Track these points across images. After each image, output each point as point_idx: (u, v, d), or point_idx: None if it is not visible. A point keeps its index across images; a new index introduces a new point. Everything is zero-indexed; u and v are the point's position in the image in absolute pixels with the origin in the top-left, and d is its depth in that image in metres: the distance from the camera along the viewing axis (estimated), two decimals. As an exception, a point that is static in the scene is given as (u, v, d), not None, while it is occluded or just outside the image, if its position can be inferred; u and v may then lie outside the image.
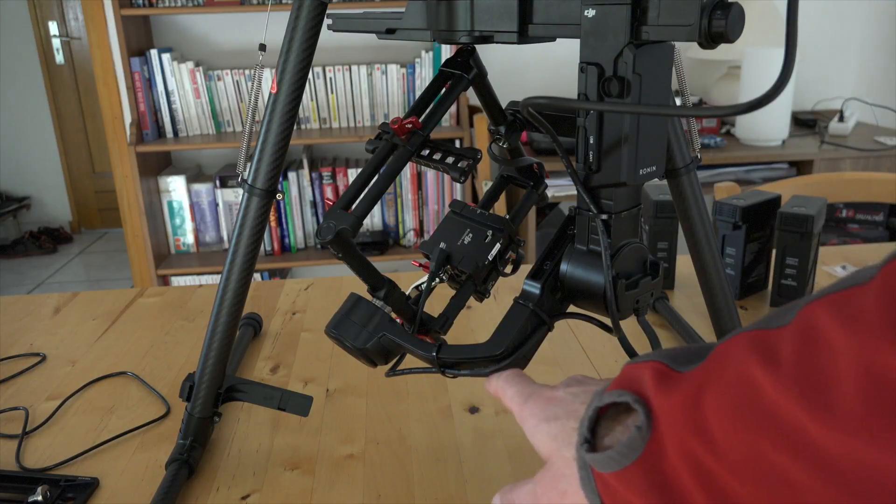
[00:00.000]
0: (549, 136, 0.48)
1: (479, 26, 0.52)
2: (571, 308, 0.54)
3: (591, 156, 0.47)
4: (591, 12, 0.44)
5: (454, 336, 0.95)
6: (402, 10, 0.57)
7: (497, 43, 0.52)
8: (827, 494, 0.26)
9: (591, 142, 0.46)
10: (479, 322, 1.00)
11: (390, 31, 0.58)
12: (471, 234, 0.56)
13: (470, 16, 0.52)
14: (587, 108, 0.45)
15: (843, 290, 0.26)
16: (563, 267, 0.51)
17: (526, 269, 0.56)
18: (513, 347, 0.52)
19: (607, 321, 0.51)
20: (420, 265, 0.58)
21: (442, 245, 0.55)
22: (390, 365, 0.57)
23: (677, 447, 0.31)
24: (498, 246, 0.55)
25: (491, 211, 0.58)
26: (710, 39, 0.40)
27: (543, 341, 0.54)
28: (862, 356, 0.24)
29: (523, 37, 0.50)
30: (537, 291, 0.52)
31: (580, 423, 0.37)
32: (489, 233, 0.55)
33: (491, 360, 0.52)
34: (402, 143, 0.56)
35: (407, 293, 0.57)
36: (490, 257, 0.55)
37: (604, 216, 0.47)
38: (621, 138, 0.45)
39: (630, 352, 0.49)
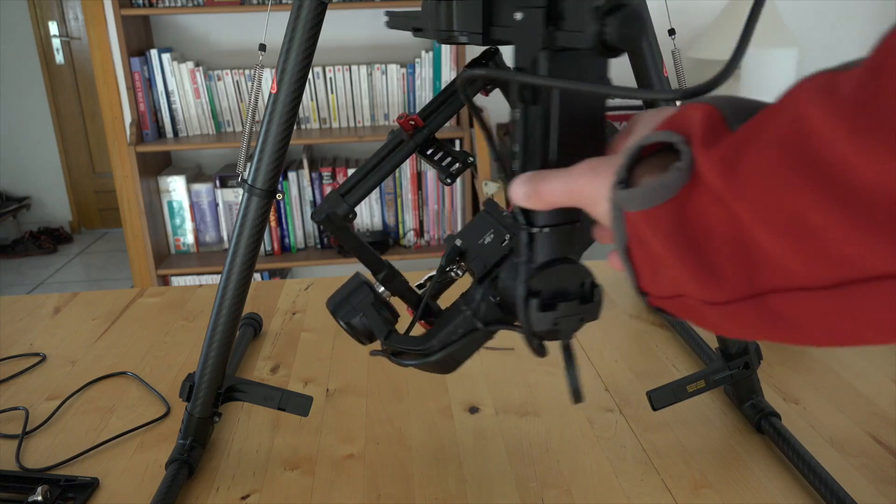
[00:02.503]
0: (480, 122, 0.45)
1: (452, 26, 0.52)
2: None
3: (515, 164, 0.44)
4: (518, 16, 0.42)
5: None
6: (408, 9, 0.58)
7: (464, 44, 0.52)
8: (850, 231, 0.24)
9: (516, 150, 0.43)
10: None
11: (417, 30, 0.58)
12: (492, 235, 0.56)
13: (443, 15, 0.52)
14: (521, 81, 0.41)
15: None
16: (501, 276, 0.51)
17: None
18: (440, 346, 0.52)
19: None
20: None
21: (458, 241, 0.55)
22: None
23: (712, 195, 0.29)
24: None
25: None
26: (605, 48, 0.37)
27: (552, 342, 0.53)
28: None
29: (487, 39, 0.49)
30: (475, 297, 0.52)
31: (619, 163, 0.35)
32: (507, 236, 0.55)
33: (419, 355, 0.53)
34: (406, 138, 0.57)
35: (420, 282, 0.58)
36: (499, 258, 0.55)
37: (531, 229, 0.43)
38: (543, 142, 0.42)
39: (573, 385, 0.47)
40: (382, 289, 0.58)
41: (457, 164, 0.57)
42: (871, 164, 0.23)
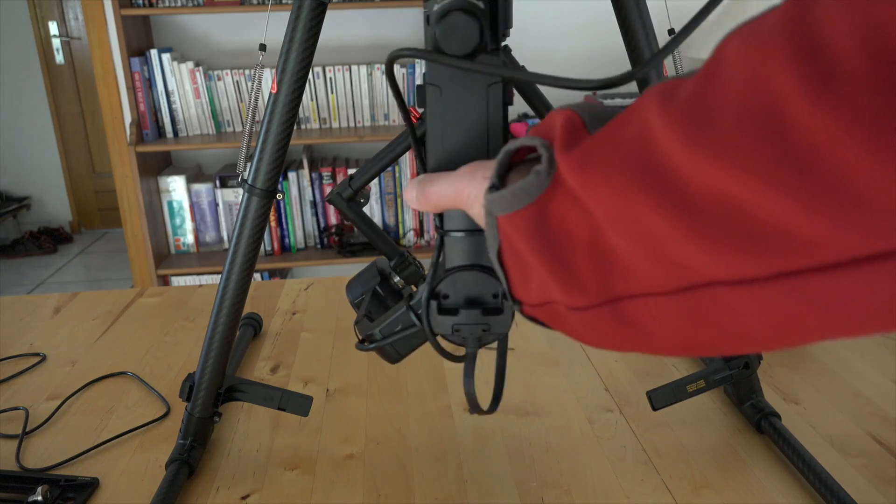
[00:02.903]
0: (402, 109, 0.45)
1: None
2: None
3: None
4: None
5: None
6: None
7: None
8: (684, 237, 0.25)
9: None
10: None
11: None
12: None
13: None
14: (434, 61, 0.40)
15: (754, 21, 0.23)
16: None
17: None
18: (381, 336, 0.53)
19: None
20: None
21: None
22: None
23: (569, 197, 0.30)
24: None
25: None
26: (436, 47, 0.38)
27: (544, 341, 0.54)
28: (750, 70, 0.22)
29: None
30: (420, 294, 0.52)
31: (492, 167, 0.35)
32: None
33: (361, 340, 0.55)
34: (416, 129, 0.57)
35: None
36: None
37: (442, 232, 0.44)
38: (433, 144, 0.42)
39: (467, 389, 0.47)
40: (398, 277, 0.59)
41: None
42: (700, 172, 0.23)
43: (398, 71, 2.47)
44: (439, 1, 0.39)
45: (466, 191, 0.37)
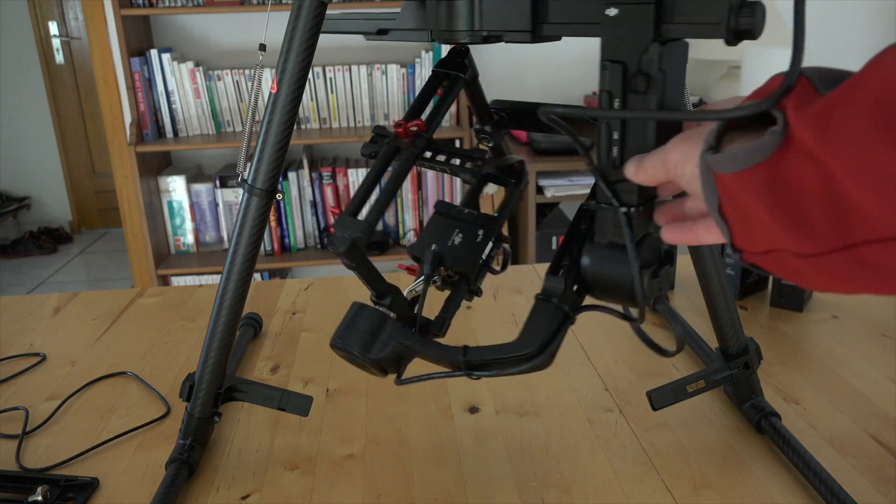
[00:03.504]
0: (569, 136, 0.48)
1: (487, 26, 0.52)
2: (589, 300, 0.54)
3: (614, 151, 0.47)
4: (612, 11, 0.45)
5: (454, 337, 0.95)
6: (397, 10, 0.58)
7: (507, 42, 0.53)
8: None
9: (615, 137, 0.47)
10: (479, 322, 1.00)
11: (382, 32, 0.58)
12: (460, 235, 0.56)
13: (474, 15, 0.52)
14: (604, 116, 0.46)
15: None
16: (585, 261, 0.51)
17: (520, 269, 0.56)
18: (543, 344, 0.51)
19: (620, 309, 0.52)
20: (407, 268, 0.58)
21: (434, 247, 0.55)
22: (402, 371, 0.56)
23: (805, 155, 0.32)
24: (490, 244, 0.55)
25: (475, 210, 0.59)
26: (736, 36, 0.41)
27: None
28: None
29: (536, 36, 0.51)
30: (561, 287, 0.52)
31: (708, 131, 0.38)
32: (480, 232, 0.56)
33: (522, 359, 0.51)
34: (405, 146, 0.55)
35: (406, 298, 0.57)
36: (484, 256, 0.55)
37: (624, 209, 0.47)
38: (645, 134, 0.46)
39: (647, 342, 0.50)
40: (394, 315, 0.55)
41: (471, 162, 0.58)
42: None
43: (398, 71, 2.47)
44: None
45: (674, 157, 0.40)
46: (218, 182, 2.54)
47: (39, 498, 0.63)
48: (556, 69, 2.62)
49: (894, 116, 0.28)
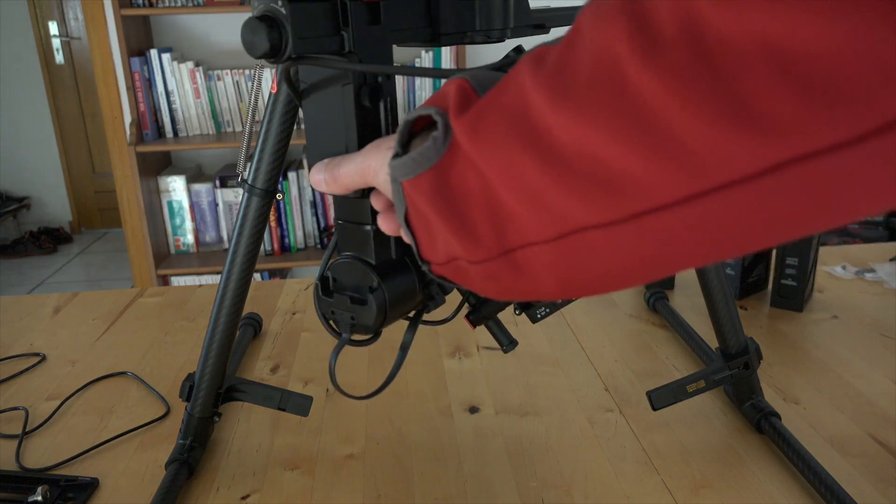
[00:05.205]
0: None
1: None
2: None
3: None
4: None
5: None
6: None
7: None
8: (556, 189, 0.28)
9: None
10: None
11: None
12: None
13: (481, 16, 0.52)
14: (347, 69, 0.44)
15: None
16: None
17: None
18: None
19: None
20: None
21: None
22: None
23: (465, 159, 0.32)
24: None
25: None
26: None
27: (544, 341, 0.54)
28: (597, 42, 0.25)
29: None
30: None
31: (395, 138, 0.38)
32: None
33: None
34: None
35: None
36: None
37: (336, 220, 0.48)
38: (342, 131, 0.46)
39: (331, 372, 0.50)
40: None
41: None
42: (565, 129, 0.27)
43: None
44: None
45: (371, 164, 0.40)
46: (218, 182, 2.54)
47: (39, 498, 0.63)
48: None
49: (522, 121, 0.29)
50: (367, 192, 0.43)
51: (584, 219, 0.28)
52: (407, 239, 0.39)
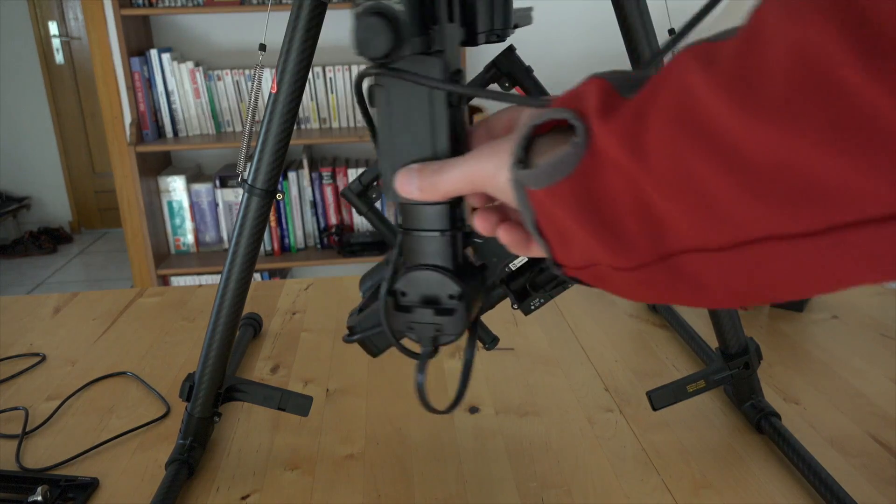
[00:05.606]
0: (365, 121, 0.46)
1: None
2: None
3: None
4: None
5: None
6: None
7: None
8: (739, 197, 0.26)
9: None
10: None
11: None
12: None
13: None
14: (423, 84, 0.41)
15: None
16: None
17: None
18: (360, 331, 0.55)
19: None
20: None
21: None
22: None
23: (613, 166, 0.30)
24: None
25: None
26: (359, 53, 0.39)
27: (544, 341, 0.54)
28: (796, 40, 0.23)
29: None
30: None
31: (515, 143, 0.35)
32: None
33: (348, 332, 0.57)
34: None
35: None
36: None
37: (404, 230, 0.44)
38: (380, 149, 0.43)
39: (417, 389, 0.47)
40: None
41: None
42: (753, 133, 0.25)
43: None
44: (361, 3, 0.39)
45: (485, 171, 0.37)
46: (218, 182, 2.54)
47: (39, 498, 0.63)
48: (554, 70, 2.61)
49: (694, 125, 0.27)
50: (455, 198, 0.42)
51: (769, 228, 0.26)
52: (537, 246, 0.37)
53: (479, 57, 2.54)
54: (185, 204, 2.55)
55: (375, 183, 0.62)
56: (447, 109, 0.41)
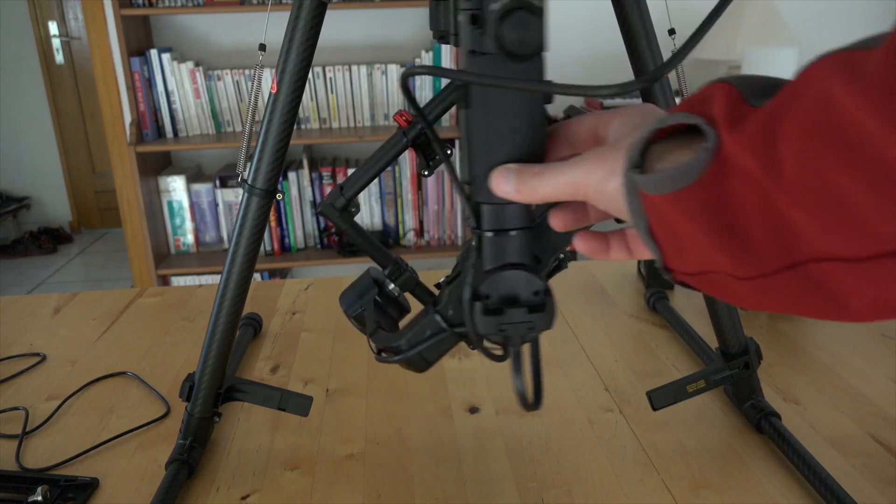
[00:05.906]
0: (421, 121, 0.44)
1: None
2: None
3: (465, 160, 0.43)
4: (460, 17, 0.42)
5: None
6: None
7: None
8: (882, 210, 0.25)
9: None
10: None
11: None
12: None
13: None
14: (468, 81, 0.40)
15: None
16: (459, 281, 0.51)
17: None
18: (408, 346, 0.53)
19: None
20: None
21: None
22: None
23: (743, 174, 0.30)
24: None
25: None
26: (508, 53, 0.38)
27: (544, 341, 0.54)
28: None
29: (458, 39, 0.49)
30: (443, 298, 0.52)
31: (630, 147, 0.35)
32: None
33: (391, 352, 0.54)
34: (401, 135, 0.57)
35: (440, 281, 0.57)
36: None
37: (481, 233, 0.43)
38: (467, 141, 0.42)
39: (517, 386, 0.46)
40: (393, 285, 0.58)
41: (434, 160, 0.58)
42: None
43: (398, 71, 2.47)
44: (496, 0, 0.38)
45: (593, 179, 0.36)
46: (218, 182, 2.54)
47: (39, 498, 0.63)
48: (554, 71, 2.62)
49: (836, 134, 0.26)
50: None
51: None
52: (647, 249, 0.36)
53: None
54: (185, 204, 2.55)
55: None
56: (543, 110, 0.41)
